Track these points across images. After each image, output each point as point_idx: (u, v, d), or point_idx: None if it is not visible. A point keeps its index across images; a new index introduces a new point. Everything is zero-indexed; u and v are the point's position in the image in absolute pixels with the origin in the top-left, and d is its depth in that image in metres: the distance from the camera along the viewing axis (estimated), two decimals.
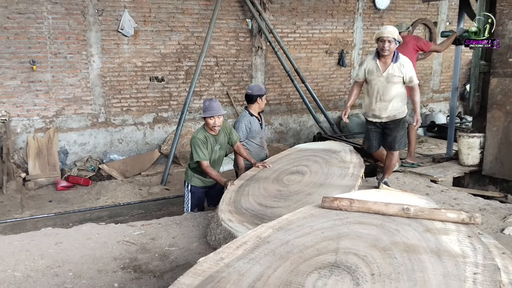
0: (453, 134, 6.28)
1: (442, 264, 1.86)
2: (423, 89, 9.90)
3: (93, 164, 6.90)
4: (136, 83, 7.37)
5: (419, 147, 7.33)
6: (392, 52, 4.37)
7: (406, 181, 5.35)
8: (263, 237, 2.17)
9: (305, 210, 2.50)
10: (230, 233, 3.20)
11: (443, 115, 9.32)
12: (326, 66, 8.97)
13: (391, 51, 4.34)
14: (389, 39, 4.28)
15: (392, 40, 4.29)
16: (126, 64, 7.22)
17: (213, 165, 4.49)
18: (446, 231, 2.19)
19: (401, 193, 2.85)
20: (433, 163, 6.16)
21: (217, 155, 4.52)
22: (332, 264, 1.88)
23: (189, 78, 7.62)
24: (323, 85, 8.94)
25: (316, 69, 8.86)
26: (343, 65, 9.02)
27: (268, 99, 8.42)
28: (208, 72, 7.90)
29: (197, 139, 4.33)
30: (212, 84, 7.98)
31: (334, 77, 9.12)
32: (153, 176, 6.64)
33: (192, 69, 7.60)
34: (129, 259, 3.48)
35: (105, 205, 5.37)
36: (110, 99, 7.22)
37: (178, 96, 7.73)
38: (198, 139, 4.33)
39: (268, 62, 8.33)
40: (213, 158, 4.48)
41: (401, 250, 1.99)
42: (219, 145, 4.48)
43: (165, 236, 4.00)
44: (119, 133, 7.29)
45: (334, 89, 9.15)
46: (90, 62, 6.96)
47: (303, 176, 4.16)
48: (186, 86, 7.65)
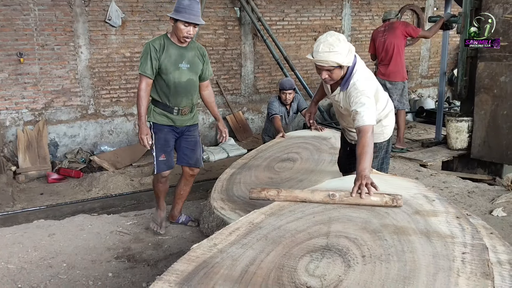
0: (441, 118, 6.35)
1: (431, 244, 1.89)
2: (412, 75, 9.94)
3: (84, 156, 6.87)
4: (125, 73, 7.32)
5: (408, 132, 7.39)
6: (337, 78, 2.84)
7: (396, 166, 5.40)
8: (256, 223, 2.19)
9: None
10: (222, 220, 3.22)
11: (432, 101, 9.38)
12: None
13: (334, 79, 2.85)
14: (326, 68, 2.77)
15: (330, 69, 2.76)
16: (114, 54, 7.17)
17: (175, 94, 3.38)
18: (435, 213, 2.22)
19: (390, 177, 2.88)
20: (422, 148, 6.23)
21: (183, 77, 3.37)
22: (323, 247, 1.91)
23: None
24: (313, 72, 8.94)
25: (305, 56, 8.85)
26: None
27: (258, 88, 8.42)
28: None
29: (148, 45, 3.27)
30: None
31: None
32: (145, 166, 6.63)
33: None
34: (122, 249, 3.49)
35: (97, 196, 5.37)
36: (99, 91, 7.17)
37: None
38: (151, 45, 3.26)
39: (257, 50, 8.31)
40: (174, 80, 3.35)
41: (391, 232, 2.02)
42: (187, 64, 3.38)
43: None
44: (109, 125, 7.26)
45: None
46: (78, 54, 6.90)
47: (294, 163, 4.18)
48: None
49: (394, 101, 6.06)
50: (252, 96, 8.42)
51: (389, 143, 3.33)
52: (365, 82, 2.84)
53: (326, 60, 2.72)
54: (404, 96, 6.11)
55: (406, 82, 6.15)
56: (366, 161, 2.57)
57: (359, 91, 2.79)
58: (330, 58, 2.70)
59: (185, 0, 3.21)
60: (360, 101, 2.75)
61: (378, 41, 6.10)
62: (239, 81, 8.25)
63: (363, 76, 2.87)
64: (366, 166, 2.54)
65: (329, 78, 2.84)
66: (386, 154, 3.31)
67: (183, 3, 3.21)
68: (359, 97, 2.77)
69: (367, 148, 2.62)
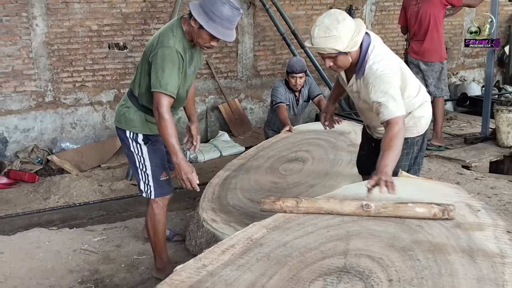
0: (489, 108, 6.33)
1: (476, 266, 1.90)
2: (452, 53, 9.94)
3: (40, 155, 6.87)
4: (92, 52, 7.31)
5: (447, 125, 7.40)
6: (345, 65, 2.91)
7: (431, 168, 5.41)
8: (255, 239, 2.20)
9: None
10: (214, 235, 3.23)
11: (477, 85, 9.38)
12: None
13: (342, 66, 2.93)
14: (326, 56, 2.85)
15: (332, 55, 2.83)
16: (78, 28, 7.16)
17: (175, 103, 3.24)
18: (481, 227, 2.23)
19: (424, 181, 2.89)
20: (464, 144, 6.22)
21: (187, 83, 3.36)
22: (340, 269, 1.91)
23: None
24: None
25: None
26: None
27: (259, 70, 8.41)
28: None
29: (173, 51, 3.07)
30: None
31: None
32: (116, 168, 6.63)
33: None
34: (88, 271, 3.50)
35: (57, 206, 5.36)
36: (59, 73, 7.17)
37: None
38: (177, 52, 3.08)
39: (258, 22, 8.30)
40: (181, 90, 3.27)
41: (425, 250, 2.03)
42: (193, 67, 3.34)
43: (133, 242, 4.03)
44: (72, 116, 7.25)
45: None
46: (32, 27, 6.89)
47: (304, 164, 4.19)
48: None
49: (430, 86, 6.06)
50: (251, 80, 8.41)
51: (424, 139, 3.32)
52: (385, 63, 2.84)
53: (323, 48, 2.76)
54: (442, 80, 6.10)
55: (445, 62, 6.14)
56: (391, 157, 2.60)
57: (377, 76, 2.78)
58: (327, 44, 2.74)
59: (225, 7, 2.98)
60: (381, 89, 2.75)
61: (411, 11, 6.09)
62: (235, 61, 8.24)
63: (381, 55, 2.87)
64: (389, 163, 2.57)
65: (335, 66, 2.88)
66: (420, 152, 3.31)
67: (222, 11, 2.98)
68: (379, 84, 2.77)
69: (395, 141, 2.63)
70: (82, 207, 5.30)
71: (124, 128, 3.34)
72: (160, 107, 3.03)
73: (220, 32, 3.02)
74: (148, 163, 3.35)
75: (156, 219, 3.42)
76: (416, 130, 3.22)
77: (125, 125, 3.33)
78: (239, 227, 3.08)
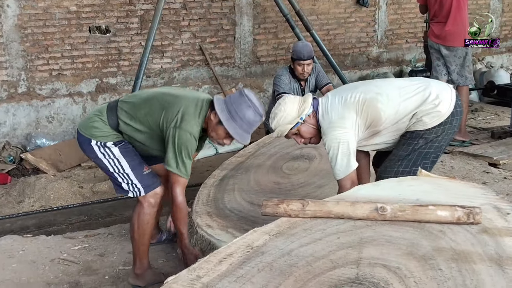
0: None
1: (505, 276, 1.90)
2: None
3: (13, 153, 6.87)
4: (70, 36, 7.30)
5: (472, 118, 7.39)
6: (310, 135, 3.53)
7: (454, 166, 5.41)
8: (256, 247, 2.20)
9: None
10: (210, 243, 3.23)
11: (506, 73, 9.37)
12: (340, 7, 8.93)
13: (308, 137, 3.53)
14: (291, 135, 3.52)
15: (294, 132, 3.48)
16: (54, 9, 7.14)
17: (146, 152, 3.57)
18: (510, 231, 2.23)
19: (446, 181, 2.89)
20: (492, 139, 6.23)
21: None
22: (352, 281, 1.91)
23: (145, 27, 7.56)
24: (337, 33, 8.91)
25: (326, 11, 8.82)
26: (364, 4, 8.99)
27: (259, 56, 8.40)
28: (172, 19, 7.83)
29: (193, 138, 3.33)
30: (178, 36, 7.92)
31: (351, 21, 9.09)
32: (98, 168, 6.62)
33: (149, 15, 7.54)
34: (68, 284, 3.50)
35: (32, 210, 5.36)
36: (33, 60, 7.16)
37: (131, 53, 7.68)
38: (195, 138, 3.34)
39: (258, 2, 8.28)
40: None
41: (448, 259, 2.03)
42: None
43: (118, 251, 4.02)
44: (48, 108, 7.25)
45: (352, 39, 9.14)
46: (2, 8, 6.88)
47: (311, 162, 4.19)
48: (141, 39, 7.59)
49: (453, 73, 6.06)
50: (251, 67, 8.40)
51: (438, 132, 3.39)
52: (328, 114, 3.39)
53: (281, 129, 3.42)
54: (466, 67, 6.10)
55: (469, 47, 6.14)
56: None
57: (324, 132, 3.39)
58: (279, 122, 3.41)
59: (249, 111, 3.27)
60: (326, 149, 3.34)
61: None
62: (232, 46, 8.23)
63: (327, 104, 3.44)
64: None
65: (307, 140, 3.49)
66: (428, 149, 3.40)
67: (245, 113, 3.27)
68: (324, 143, 3.36)
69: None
70: (60, 211, 5.29)
71: (89, 136, 3.43)
72: (177, 188, 3.30)
73: (238, 133, 3.28)
74: (124, 163, 3.42)
75: (145, 219, 3.44)
76: (423, 124, 3.36)
77: (91, 133, 3.43)
78: (237, 233, 3.09)
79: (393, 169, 3.40)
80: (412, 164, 3.34)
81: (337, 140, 3.27)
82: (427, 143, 3.38)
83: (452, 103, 3.39)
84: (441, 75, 6.13)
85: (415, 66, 8.67)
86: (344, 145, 3.26)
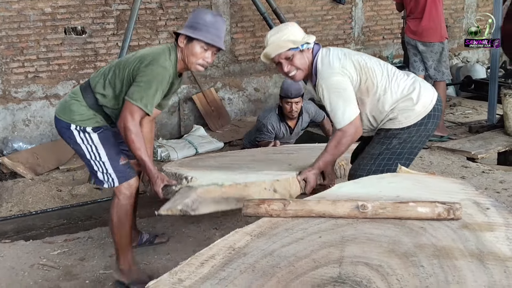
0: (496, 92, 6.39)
1: (487, 271, 1.90)
2: (453, 32, 10.01)
3: None
4: (46, 37, 7.24)
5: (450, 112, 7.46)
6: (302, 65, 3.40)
7: (433, 161, 5.45)
8: (238, 248, 2.18)
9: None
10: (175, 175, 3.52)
11: (482, 67, 9.46)
12: (316, 4, 8.96)
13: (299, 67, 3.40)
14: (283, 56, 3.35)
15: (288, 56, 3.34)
16: (29, 10, 7.08)
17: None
18: (491, 227, 2.24)
19: (426, 177, 2.90)
20: (469, 134, 6.29)
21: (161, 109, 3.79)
22: (335, 280, 1.91)
23: (122, 28, 7.52)
24: (314, 31, 8.93)
25: (302, 8, 8.84)
26: (340, 2, 9.03)
27: (237, 54, 8.39)
28: (149, 19, 7.80)
29: (167, 72, 3.28)
30: (155, 36, 7.89)
31: (328, 19, 9.12)
32: (77, 170, 6.57)
33: (125, 15, 7.49)
34: None
35: (10, 215, 5.31)
36: (8, 63, 7.09)
37: (108, 54, 7.64)
38: (168, 73, 3.30)
39: (235, 1, 8.28)
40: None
41: (429, 256, 2.03)
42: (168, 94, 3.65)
43: (99, 255, 4.00)
44: (25, 111, 7.18)
45: (329, 37, 9.17)
46: None
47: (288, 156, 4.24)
48: (118, 40, 7.54)
49: (430, 69, 6.10)
50: (229, 67, 8.39)
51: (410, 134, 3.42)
52: (328, 59, 3.33)
53: (278, 43, 3.26)
54: (443, 62, 6.15)
55: (445, 42, 6.19)
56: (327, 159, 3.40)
57: (321, 76, 3.30)
58: (281, 38, 3.27)
59: (207, 15, 3.30)
60: (324, 95, 3.30)
61: None
62: None
63: (328, 52, 3.38)
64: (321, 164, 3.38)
65: (293, 68, 3.33)
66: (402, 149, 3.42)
67: (205, 18, 3.27)
68: (322, 88, 3.29)
69: (339, 148, 3.34)
70: (39, 215, 5.25)
71: (69, 121, 3.39)
72: (130, 119, 3.19)
73: (208, 37, 3.25)
74: (101, 150, 3.40)
75: (122, 210, 3.43)
76: (398, 122, 3.40)
77: (70, 118, 3.38)
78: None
79: (365, 167, 3.42)
80: (385, 163, 3.38)
81: (338, 86, 3.27)
82: (400, 143, 3.40)
83: (431, 104, 3.42)
84: (419, 70, 6.17)
85: (392, 62, 8.72)
86: (346, 92, 3.27)
